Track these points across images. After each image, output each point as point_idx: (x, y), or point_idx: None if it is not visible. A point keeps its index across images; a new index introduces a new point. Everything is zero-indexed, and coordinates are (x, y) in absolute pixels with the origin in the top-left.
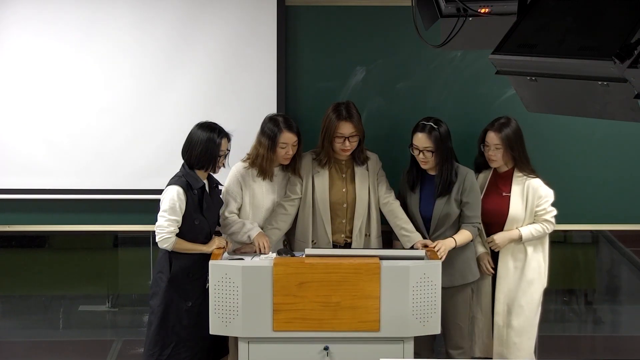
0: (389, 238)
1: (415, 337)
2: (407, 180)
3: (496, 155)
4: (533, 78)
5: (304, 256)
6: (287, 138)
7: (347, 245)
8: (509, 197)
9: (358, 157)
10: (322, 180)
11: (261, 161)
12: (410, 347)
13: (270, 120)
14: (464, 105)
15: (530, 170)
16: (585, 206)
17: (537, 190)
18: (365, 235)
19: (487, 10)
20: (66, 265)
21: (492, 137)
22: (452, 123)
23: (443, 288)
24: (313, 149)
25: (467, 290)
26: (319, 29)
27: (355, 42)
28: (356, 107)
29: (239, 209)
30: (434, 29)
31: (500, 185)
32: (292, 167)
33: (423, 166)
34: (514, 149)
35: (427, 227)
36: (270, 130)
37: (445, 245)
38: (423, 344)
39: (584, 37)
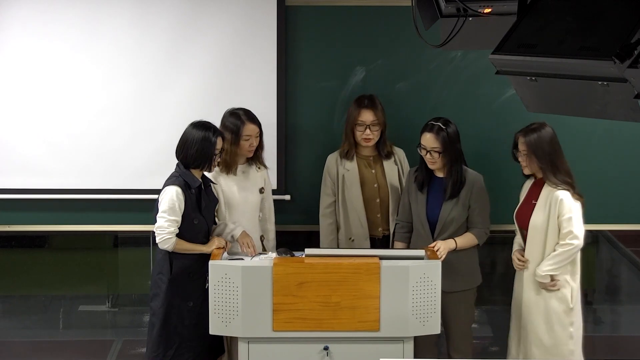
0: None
1: (419, 337)
2: (415, 180)
3: (524, 160)
4: (533, 78)
5: (303, 256)
6: (250, 130)
7: (386, 239)
8: (534, 205)
9: (382, 150)
10: (352, 177)
11: (225, 156)
12: (410, 347)
13: (231, 114)
14: (464, 106)
15: (561, 180)
16: (585, 206)
17: (559, 203)
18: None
19: (487, 10)
20: (66, 265)
21: (520, 142)
22: (457, 124)
23: (446, 292)
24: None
25: (471, 295)
26: (318, 29)
27: (355, 42)
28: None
29: (216, 211)
30: (434, 29)
31: (533, 192)
32: (256, 160)
33: (431, 166)
34: (538, 155)
35: (432, 229)
36: (232, 124)
37: (445, 245)
38: (427, 345)
39: (584, 37)
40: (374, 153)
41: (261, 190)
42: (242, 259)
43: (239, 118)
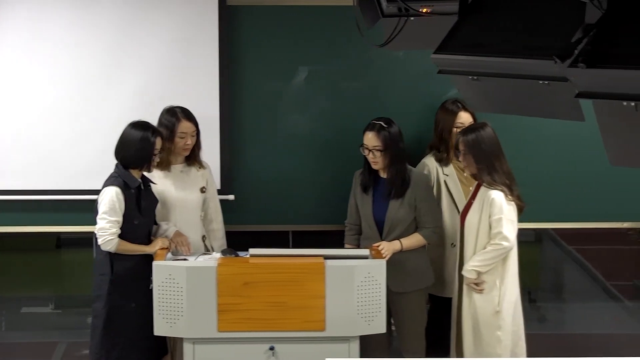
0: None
1: (370, 336)
2: (360, 182)
3: (464, 160)
4: (475, 77)
5: (248, 256)
6: (186, 127)
7: None
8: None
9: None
10: (453, 182)
11: (159, 153)
12: (355, 346)
13: (168, 111)
14: (409, 105)
15: (498, 181)
16: (528, 205)
17: (491, 203)
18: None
19: (428, 10)
20: (8, 266)
21: (460, 142)
22: (400, 123)
23: (397, 293)
24: (431, 153)
25: (421, 296)
26: (261, 29)
27: (299, 42)
28: None
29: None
30: (378, 29)
31: (475, 192)
32: (194, 159)
33: (374, 166)
34: (476, 155)
35: (380, 230)
36: (167, 120)
37: (389, 246)
38: (378, 344)
39: (525, 36)
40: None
41: (202, 190)
42: (186, 259)
43: (175, 115)
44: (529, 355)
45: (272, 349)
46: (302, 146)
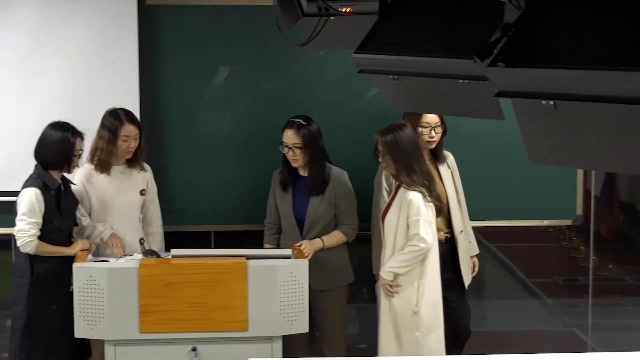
0: None
1: (292, 336)
2: (279, 180)
3: (383, 161)
4: (395, 77)
5: (170, 257)
6: (129, 131)
7: (450, 241)
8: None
9: (440, 154)
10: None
11: (101, 154)
12: (278, 346)
13: (111, 113)
14: (331, 105)
15: (417, 182)
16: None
17: (409, 204)
18: (460, 232)
19: (348, 9)
20: None
21: (379, 142)
22: (322, 123)
23: (317, 291)
24: None
25: (343, 293)
26: (181, 29)
27: (220, 41)
28: None
29: (90, 212)
30: (299, 28)
31: (394, 193)
32: (136, 162)
33: (293, 164)
34: (394, 156)
35: (301, 228)
36: (110, 123)
37: (310, 245)
38: (299, 344)
39: (445, 36)
40: (429, 157)
41: (142, 192)
42: (107, 261)
43: (118, 118)
44: (451, 354)
45: (194, 349)
46: (223, 146)
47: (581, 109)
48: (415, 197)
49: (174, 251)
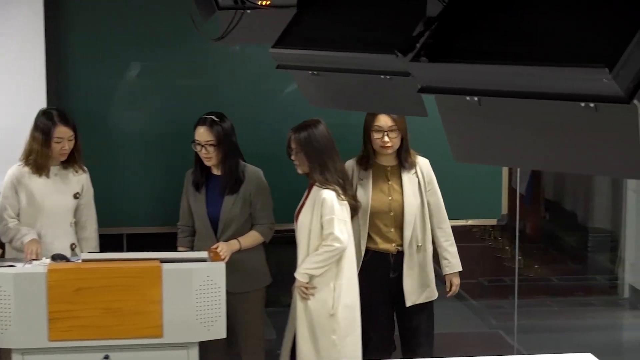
0: None
1: (208, 342)
2: (192, 180)
3: (296, 159)
4: (315, 72)
5: (80, 261)
6: (62, 132)
7: (400, 255)
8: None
9: (405, 160)
10: (365, 187)
11: (35, 157)
12: (195, 352)
13: (44, 114)
14: (249, 101)
15: (331, 180)
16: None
17: (322, 203)
18: (418, 246)
19: (266, 2)
20: None
21: (292, 140)
22: (236, 120)
23: (234, 294)
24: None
25: (260, 296)
26: (92, 23)
27: (132, 36)
28: None
29: (19, 214)
30: (215, 22)
31: (308, 192)
32: (73, 163)
33: (206, 163)
34: (308, 154)
35: (215, 229)
36: (43, 124)
37: (227, 246)
38: (216, 350)
39: (367, 30)
40: (393, 163)
41: (76, 196)
42: (14, 266)
43: (51, 119)
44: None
45: (107, 357)
46: (135, 145)
47: (506, 105)
48: (328, 196)
49: (84, 255)
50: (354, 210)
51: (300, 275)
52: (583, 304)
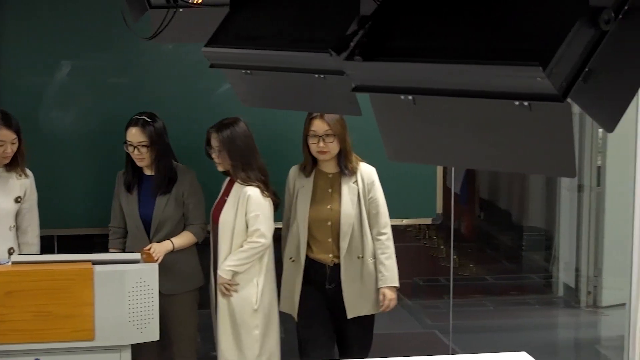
0: None
1: (140, 344)
2: (123, 181)
3: (217, 157)
4: (248, 71)
5: (9, 263)
6: (4, 135)
7: (336, 267)
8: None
9: (345, 167)
10: (304, 195)
11: None
12: (127, 355)
13: None
14: (181, 101)
15: (253, 177)
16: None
17: (247, 200)
18: (358, 257)
19: (198, 1)
20: None
21: (213, 138)
22: (168, 119)
23: (166, 295)
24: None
25: (193, 297)
26: (20, 20)
27: (62, 34)
28: None
29: None
30: (147, 20)
31: (228, 189)
32: (16, 167)
33: (139, 163)
34: (231, 152)
35: (148, 230)
36: None
37: (160, 247)
38: (148, 353)
39: (300, 29)
40: (334, 170)
41: (17, 200)
42: None
43: None
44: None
45: None
46: (64, 145)
47: (441, 104)
48: (254, 192)
49: (14, 257)
50: (276, 207)
51: (224, 272)
52: (518, 303)
